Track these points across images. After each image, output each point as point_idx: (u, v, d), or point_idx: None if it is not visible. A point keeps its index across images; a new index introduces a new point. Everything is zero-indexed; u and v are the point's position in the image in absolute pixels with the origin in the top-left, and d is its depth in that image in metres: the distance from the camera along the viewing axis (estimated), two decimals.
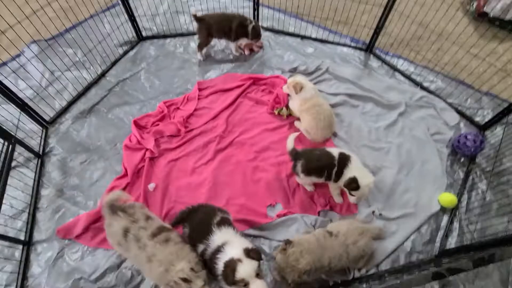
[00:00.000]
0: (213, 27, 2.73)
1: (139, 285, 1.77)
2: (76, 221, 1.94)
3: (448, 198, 2.08)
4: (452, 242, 1.96)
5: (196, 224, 1.64)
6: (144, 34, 3.15)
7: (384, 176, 2.20)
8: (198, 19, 2.69)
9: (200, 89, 2.67)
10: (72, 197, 2.09)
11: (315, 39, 3.18)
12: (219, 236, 1.52)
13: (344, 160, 1.90)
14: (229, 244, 1.47)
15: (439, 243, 1.98)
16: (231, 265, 1.37)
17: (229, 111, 2.54)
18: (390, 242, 1.92)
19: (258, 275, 1.37)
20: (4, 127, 1.97)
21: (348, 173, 1.88)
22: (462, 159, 2.34)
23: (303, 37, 3.20)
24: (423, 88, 2.77)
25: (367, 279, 1.79)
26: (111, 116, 2.54)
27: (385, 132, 2.48)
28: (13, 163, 2.03)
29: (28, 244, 1.88)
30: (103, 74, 2.81)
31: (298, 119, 2.48)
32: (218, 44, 3.10)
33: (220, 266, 1.41)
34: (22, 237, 1.88)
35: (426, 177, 2.23)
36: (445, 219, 2.07)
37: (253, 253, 1.39)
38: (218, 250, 1.46)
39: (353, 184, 1.84)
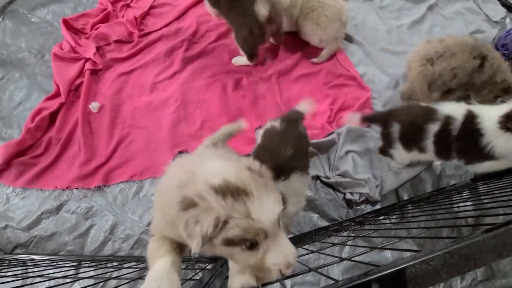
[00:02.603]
0: None
1: (87, 232, 1.33)
2: None
3: None
4: None
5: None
6: None
7: None
8: None
9: None
10: None
11: None
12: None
13: None
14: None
15: None
16: None
17: (200, 8, 1.85)
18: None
19: None
20: None
21: None
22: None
23: None
24: None
25: (387, 212, 1.39)
26: (35, 19, 1.82)
27: (410, 32, 1.88)
28: None
29: None
30: None
31: None
32: None
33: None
34: None
35: None
36: None
37: None
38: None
39: None
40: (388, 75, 1.70)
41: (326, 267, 1.27)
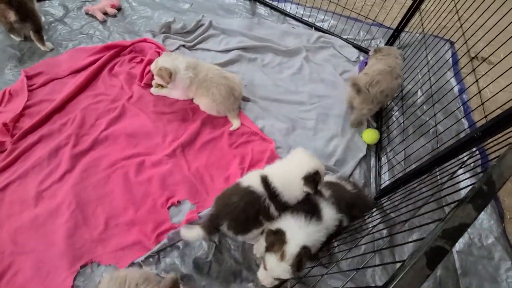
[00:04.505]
0: None
1: None
2: None
3: (371, 133, 1.89)
4: (385, 179, 1.77)
5: None
6: None
7: (304, 128, 1.88)
8: None
9: (29, 77, 1.78)
10: None
11: None
12: None
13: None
14: None
15: (374, 184, 1.77)
16: None
17: (85, 97, 1.76)
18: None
19: None
20: None
21: None
22: None
23: None
24: (318, 29, 2.56)
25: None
26: None
27: (293, 81, 2.15)
28: None
29: None
30: None
31: None
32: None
33: None
34: None
35: (346, 118, 2.00)
36: (373, 156, 1.88)
37: None
38: None
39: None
40: (284, 123, 1.87)
41: None
